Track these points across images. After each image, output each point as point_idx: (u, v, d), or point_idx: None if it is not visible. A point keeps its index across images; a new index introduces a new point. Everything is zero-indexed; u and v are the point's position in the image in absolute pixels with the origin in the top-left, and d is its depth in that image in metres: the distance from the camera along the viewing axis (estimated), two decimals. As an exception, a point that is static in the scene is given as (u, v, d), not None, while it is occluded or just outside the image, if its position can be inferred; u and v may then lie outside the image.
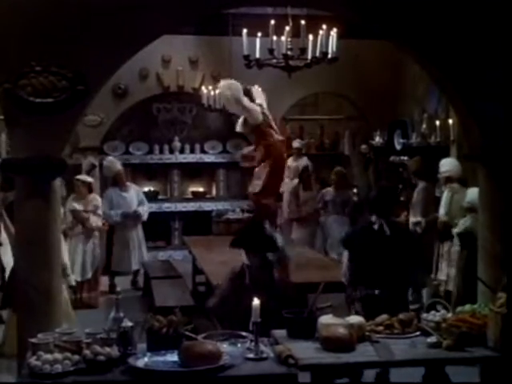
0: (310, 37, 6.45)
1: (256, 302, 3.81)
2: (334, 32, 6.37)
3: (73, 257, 8.45)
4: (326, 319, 4.11)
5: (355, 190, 10.54)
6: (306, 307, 4.25)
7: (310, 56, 6.48)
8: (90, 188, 9.00)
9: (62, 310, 4.96)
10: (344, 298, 5.54)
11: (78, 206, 8.74)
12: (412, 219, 8.44)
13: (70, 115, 4.73)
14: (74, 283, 7.64)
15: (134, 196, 9.68)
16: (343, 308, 5.20)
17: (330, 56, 6.51)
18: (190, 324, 4.01)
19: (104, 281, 9.54)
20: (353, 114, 12.30)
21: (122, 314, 3.88)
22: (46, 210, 4.67)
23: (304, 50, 6.43)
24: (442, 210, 7.73)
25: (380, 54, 11.00)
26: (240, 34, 6.90)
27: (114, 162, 9.75)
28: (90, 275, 8.79)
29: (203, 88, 9.85)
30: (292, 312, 4.21)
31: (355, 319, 4.18)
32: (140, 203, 9.68)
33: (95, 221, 8.82)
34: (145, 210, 9.69)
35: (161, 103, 11.94)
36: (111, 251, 9.57)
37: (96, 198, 9.03)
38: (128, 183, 9.80)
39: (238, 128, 8.16)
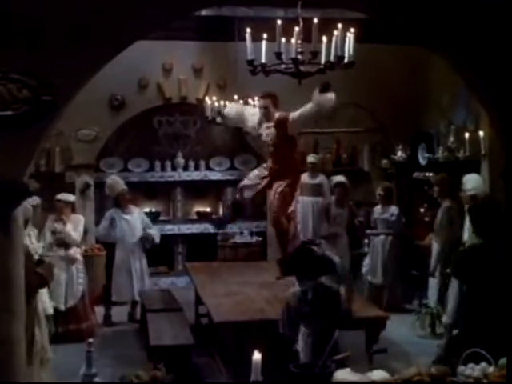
0: (324, 38, 5.95)
1: (257, 356, 3.26)
2: (350, 33, 5.89)
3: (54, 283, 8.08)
4: (342, 375, 3.55)
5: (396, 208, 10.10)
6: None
7: (323, 60, 6.00)
8: (72, 208, 8.88)
9: (24, 364, 4.38)
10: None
11: (60, 228, 8.51)
12: (435, 246, 8.25)
13: (34, 131, 4.21)
14: (51, 311, 7.43)
15: (138, 220, 9.53)
16: (363, 357, 4.73)
17: (346, 60, 6.03)
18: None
19: (99, 311, 9.27)
20: (372, 126, 12.06)
21: (94, 370, 3.33)
22: (3, 244, 4.11)
23: (316, 54, 5.98)
24: (466, 235, 7.52)
25: (401, 59, 10.97)
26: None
27: (118, 181, 9.62)
28: (73, 303, 8.51)
29: (207, 99, 9.53)
30: (301, 366, 3.65)
31: (378, 375, 3.61)
32: (145, 227, 9.57)
33: (76, 237, 8.65)
34: (155, 233, 9.59)
35: (162, 116, 11.79)
36: (110, 278, 9.35)
37: (80, 219, 8.85)
38: (131, 206, 9.64)
39: (265, 137, 7.87)
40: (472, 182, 7.76)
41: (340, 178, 10.12)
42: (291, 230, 8.03)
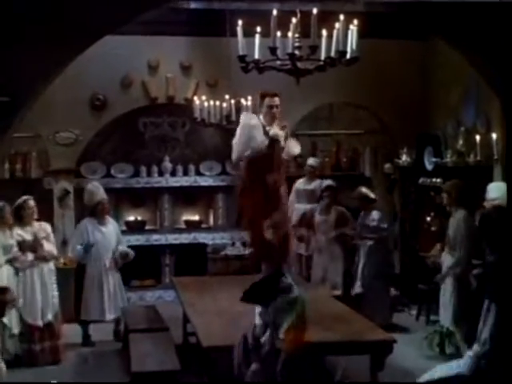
0: (324, 32, 5.65)
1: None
2: (353, 25, 5.60)
3: (26, 295, 8.08)
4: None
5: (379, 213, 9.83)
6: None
7: (323, 56, 5.70)
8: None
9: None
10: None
11: (26, 235, 8.22)
12: (448, 258, 7.96)
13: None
14: (16, 331, 7.23)
15: (113, 232, 9.23)
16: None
17: (348, 56, 5.74)
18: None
19: (75, 330, 9.00)
20: (374, 128, 12.05)
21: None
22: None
23: (315, 49, 5.66)
24: None
25: (406, 55, 11.00)
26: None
27: (99, 189, 9.29)
28: (51, 317, 8.27)
29: (196, 98, 9.45)
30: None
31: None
32: (119, 242, 9.30)
33: (51, 248, 8.37)
34: (129, 250, 9.33)
35: (148, 117, 11.61)
36: (80, 296, 9.09)
37: (46, 225, 8.53)
38: (107, 216, 9.34)
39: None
40: (496, 191, 7.56)
41: (329, 182, 9.95)
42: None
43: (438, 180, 9.44)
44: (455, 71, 9.92)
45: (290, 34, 5.76)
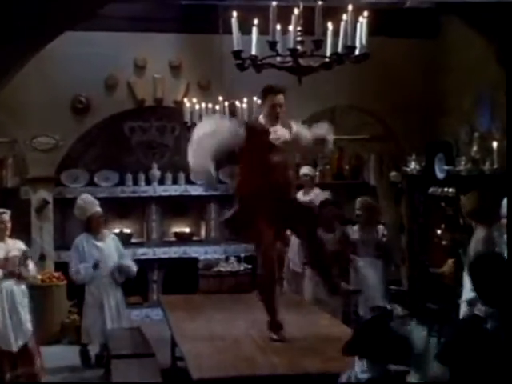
0: (329, 25, 5.34)
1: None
2: (363, 17, 5.30)
3: None
4: None
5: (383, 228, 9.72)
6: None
7: (328, 52, 5.39)
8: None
9: None
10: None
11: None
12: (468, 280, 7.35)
13: None
14: None
15: (113, 247, 9.19)
16: None
17: (357, 52, 5.45)
18: None
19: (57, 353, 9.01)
20: (379, 133, 12.03)
21: None
22: None
23: (320, 44, 5.38)
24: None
25: (414, 55, 10.95)
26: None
27: (92, 201, 9.25)
28: (23, 342, 8.03)
29: (186, 101, 9.46)
30: None
31: None
32: (121, 257, 9.27)
33: (33, 268, 8.28)
34: (131, 263, 9.32)
35: (134, 121, 11.58)
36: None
37: (20, 243, 8.33)
38: (105, 230, 9.33)
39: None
40: None
41: (324, 195, 9.84)
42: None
43: (450, 190, 9.30)
44: (468, 71, 9.86)
45: (291, 28, 5.43)
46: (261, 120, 6.30)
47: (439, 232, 9.88)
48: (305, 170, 10.71)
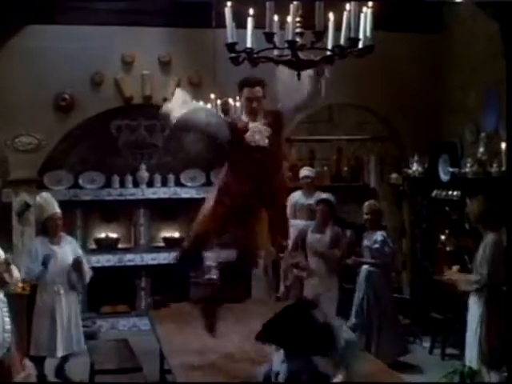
0: (331, 16, 5.07)
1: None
2: (367, 7, 5.05)
3: None
4: None
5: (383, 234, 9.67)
6: None
7: (330, 45, 5.08)
8: None
9: None
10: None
11: None
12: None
13: None
14: None
15: (69, 252, 8.78)
16: None
17: (361, 44, 5.09)
18: None
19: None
20: (380, 133, 11.96)
21: None
22: None
23: (321, 35, 5.03)
24: None
25: (417, 51, 10.86)
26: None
27: (49, 202, 8.91)
28: (1, 355, 7.69)
29: None
30: None
31: None
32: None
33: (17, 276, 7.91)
34: (87, 269, 8.84)
35: (121, 120, 11.55)
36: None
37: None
38: (62, 233, 8.96)
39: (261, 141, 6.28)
40: None
41: (324, 196, 9.79)
42: None
43: (455, 193, 9.33)
44: (474, 67, 9.82)
45: (289, 19, 5.15)
46: (242, 117, 6.15)
47: (443, 237, 9.89)
48: (305, 171, 10.71)
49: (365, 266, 9.11)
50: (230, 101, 8.82)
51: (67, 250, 8.75)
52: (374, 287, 8.99)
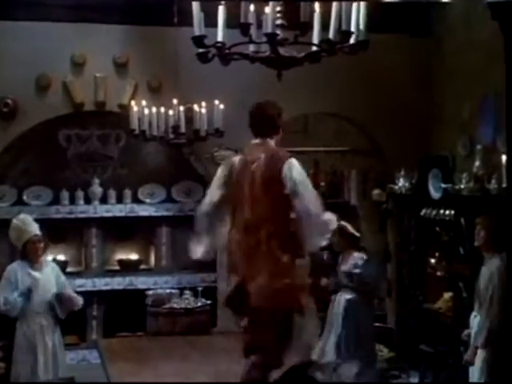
0: (317, 6, 4.76)
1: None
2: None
3: None
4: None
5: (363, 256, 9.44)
6: None
7: (316, 39, 4.78)
8: None
9: None
10: None
11: None
12: (476, 321, 7.49)
13: None
14: None
15: (52, 277, 8.77)
16: None
17: (354, 39, 4.84)
18: None
19: None
20: (362, 145, 11.90)
21: None
22: None
23: (306, 28, 4.68)
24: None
25: (406, 56, 10.85)
26: (191, 24, 5.50)
27: (31, 223, 8.94)
28: None
29: (133, 105, 9.10)
30: None
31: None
32: (61, 289, 8.83)
33: None
34: (74, 295, 8.89)
35: (71, 129, 11.36)
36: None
37: None
38: (43, 257, 8.95)
39: None
40: None
41: None
42: None
43: (447, 212, 9.13)
44: (468, 75, 9.74)
45: (268, 9, 4.74)
46: None
47: (433, 261, 9.91)
48: None
49: (344, 295, 8.81)
50: (195, 107, 8.80)
51: (50, 276, 8.77)
52: (355, 320, 8.67)
